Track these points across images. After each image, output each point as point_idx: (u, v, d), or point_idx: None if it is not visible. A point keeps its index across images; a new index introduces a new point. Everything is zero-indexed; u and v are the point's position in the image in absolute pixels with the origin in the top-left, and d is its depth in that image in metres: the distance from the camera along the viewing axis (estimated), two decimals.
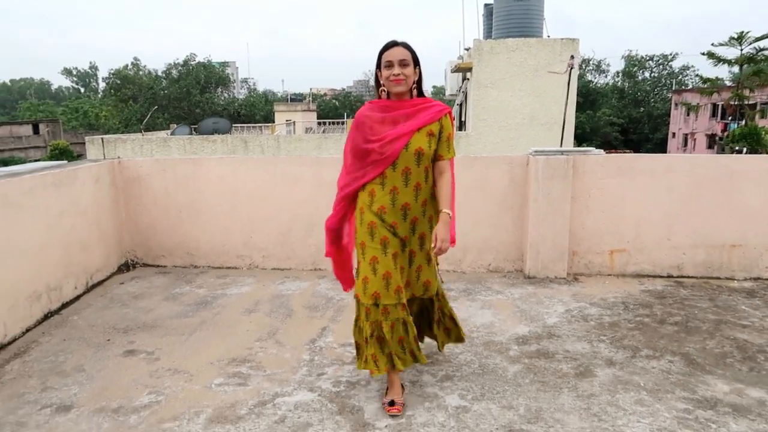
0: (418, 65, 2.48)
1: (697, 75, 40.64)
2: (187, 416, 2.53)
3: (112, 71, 48.14)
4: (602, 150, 4.75)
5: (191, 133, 16.82)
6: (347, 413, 2.53)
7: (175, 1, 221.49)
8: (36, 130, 44.85)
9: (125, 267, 4.78)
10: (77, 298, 4.06)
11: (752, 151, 18.54)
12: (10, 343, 3.32)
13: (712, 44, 25.78)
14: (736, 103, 23.64)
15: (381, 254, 2.45)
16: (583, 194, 4.37)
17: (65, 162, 4.43)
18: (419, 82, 2.51)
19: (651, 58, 55.95)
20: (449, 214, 2.47)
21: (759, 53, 21.39)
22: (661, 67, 56.15)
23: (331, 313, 3.74)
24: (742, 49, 21.47)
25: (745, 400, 2.59)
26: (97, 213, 4.35)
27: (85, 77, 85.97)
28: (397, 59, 2.41)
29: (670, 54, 55.17)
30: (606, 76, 58.33)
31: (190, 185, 4.72)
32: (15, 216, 3.40)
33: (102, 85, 67.72)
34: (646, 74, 56.67)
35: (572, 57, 12.64)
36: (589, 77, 56.47)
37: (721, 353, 3.08)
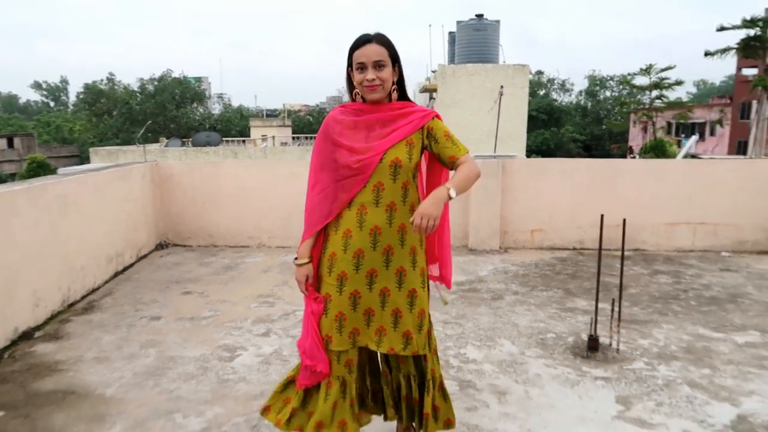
0: (398, 63, 2.03)
1: (614, 100, 46.56)
2: (239, 320, 3.92)
3: (87, 85, 48.79)
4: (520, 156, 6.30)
5: (182, 146, 18.12)
6: None
7: (142, 16, 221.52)
8: (10, 144, 45.07)
9: (160, 246, 6.12)
10: (132, 265, 5.39)
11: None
12: (98, 288, 4.66)
13: (628, 74, 31.41)
14: (645, 120, 28.52)
15: (335, 292, 2.04)
16: (510, 188, 5.90)
17: (122, 162, 5.77)
18: (400, 82, 2.06)
19: (612, 78, 58.79)
20: (448, 189, 1.87)
21: (662, 81, 26.04)
22: (621, 86, 59.00)
23: None
24: (650, 78, 26.08)
25: (592, 308, 4.10)
26: (143, 202, 5.70)
27: (55, 91, 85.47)
28: (371, 60, 1.95)
29: (629, 74, 58.09)
30: (570, 95, 61.06)
31: (212, 182, 6.10)
32: (101, 199, 4.76)
33: (72, 99, 68.01)
34: (608, 93, 59.37)
35: (502, 87, 14.60)
36: (555, 96, 59.17)
37: (590, 288, 4.60)
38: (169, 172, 6.13)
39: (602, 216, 3.28)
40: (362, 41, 1.97)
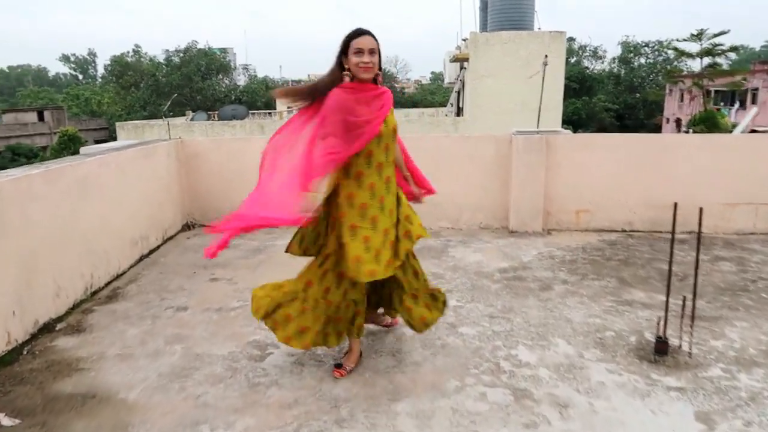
0: (380, 54, 2.59)
1: (662, 67, 43.67)
2: None
3: (114, 58, 48.88)
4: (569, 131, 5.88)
5: (208, 119, 17.91)
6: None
7: None
8: (41, 117, 45.60)
9: (187, 227, 5.91)
10: (158, 247, 5.19)
11: (709, 133, 19.90)
12: (123, 274, 4.46)
13: (676, 40, 28.87)
14: (694, 90, 26.66)
15: (371, 232, 2.59)
16: (554, 165, 5.50)
17: (146, 140, 5.53)
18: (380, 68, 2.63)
19: (647, 45, 56.41)
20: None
21: (715, 48, 24.04)
22: (657, 53, 56.61)
23: None
24: (701, 44, 24.14)
25: (654, 301, 3.75)
26: (168, 181, 5.47)
27: (84, 64, 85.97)
28: (368, 48, 2.50)
29: (666, 40, 55.66)
30: (602, 62, 58.92)
31: (240, 159, 5.83)
32: (124, 179, 4.53)
33: (101, 71, 68.52)
34: (642, 60, 57.08)
35: (546, 56, 13.83)
36: (586, 63, 57.27)
37: (646, 277, 4.23)
38: (194, 149, 5.87)
39: (675, 204, 2.89)
40: (360, 33, 2.54)
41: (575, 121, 42.45)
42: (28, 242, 3.30)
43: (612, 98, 50.57)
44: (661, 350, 2.93)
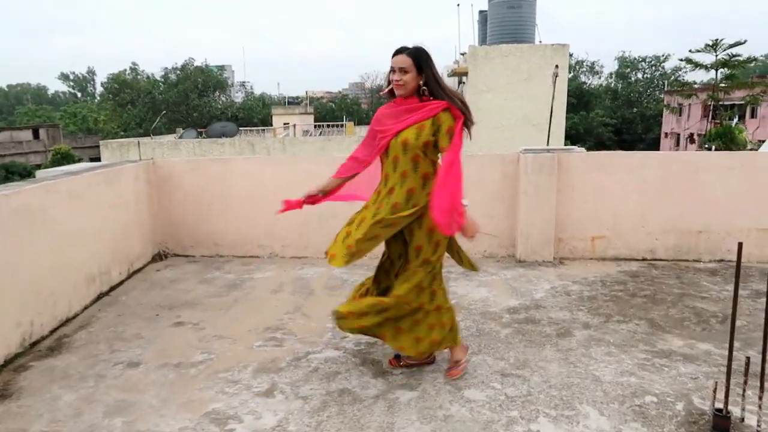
0: (423, 71, 2.64)
1: (675, 79, 42.07)
2: (237, 368, 3.08)
3: (111, 76, 48.62)
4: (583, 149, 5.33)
5: (198, 137, 17.43)
6: (368, 364, 3.08)
7: (166, 6, 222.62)
8: (36, 135, 45.16)
9: (158, 257, 5.32)
10: (122, 282, 4.60)
11: (726, 148, 19.19)
12: (74, 317, 3.86)
13: (690, 50, 27.51)
14: (711, 104, 25.44)
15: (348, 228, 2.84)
16: (567, 187, 4.94)
17: (110, 162, 4.97)
18: (428, 84, 2.67)
19: (643, 60, 56.40)
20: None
21: (732, 59, 23.00)
22: (653, 68, 56.58)
23: (348, 292, 4.26)
24: (717, 55, 23.11)
25: (695, 351, 3.16)
26: (136, 207, 4.90)
27: (82, 82, 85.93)
28: (398, 66, 2.64)
29: (662, 55, 55.53)
30: (599, 78, 58.88)
31: (220, 182, 5.26)
32: (79, 207, 3.96)
33: (99, 89, 68.41)
34: (639, 75, 57.07)
35: (557, 66, 13.33)
36: (583, 78, 57.14)
37: (680, 318, 3.64)
38: (168, 171, 5.30)
39: (740, 244, 2.30)
40: (396, 52, 2.68)
41: (573, 135, 42.11)
42: None
43: (609, 113, 50.38)
44: (721, 427, 2.33)
